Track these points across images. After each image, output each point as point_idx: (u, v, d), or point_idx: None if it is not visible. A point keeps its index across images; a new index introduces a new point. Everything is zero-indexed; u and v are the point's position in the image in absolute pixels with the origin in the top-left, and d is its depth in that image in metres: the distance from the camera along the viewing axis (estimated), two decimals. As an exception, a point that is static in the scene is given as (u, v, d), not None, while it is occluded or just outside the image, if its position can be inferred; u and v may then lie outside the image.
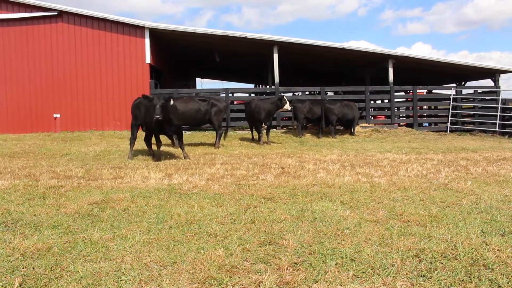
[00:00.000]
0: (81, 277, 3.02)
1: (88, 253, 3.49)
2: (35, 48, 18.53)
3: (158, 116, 8.56)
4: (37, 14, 18.41)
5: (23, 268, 3.19)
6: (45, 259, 3.36)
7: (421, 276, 3.01)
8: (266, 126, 14.08)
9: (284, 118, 19.44)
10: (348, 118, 16.86)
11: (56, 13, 18.38)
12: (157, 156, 9.73)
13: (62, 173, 7.59)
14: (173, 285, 2.89)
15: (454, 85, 23.96)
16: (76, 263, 3.27)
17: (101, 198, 5.43)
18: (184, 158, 9.64)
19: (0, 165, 8.81)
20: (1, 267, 3.20)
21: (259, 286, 2.86)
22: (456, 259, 3.27)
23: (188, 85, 28.85)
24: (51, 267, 3.19)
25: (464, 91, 21.70)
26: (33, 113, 18.44)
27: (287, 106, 13.32)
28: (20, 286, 2.90)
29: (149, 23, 18.28)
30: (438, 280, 2.93)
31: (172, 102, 8.99)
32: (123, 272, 3.10)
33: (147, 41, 18.40)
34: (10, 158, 10.31)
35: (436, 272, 3.05)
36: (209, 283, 2.93)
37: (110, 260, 3.34)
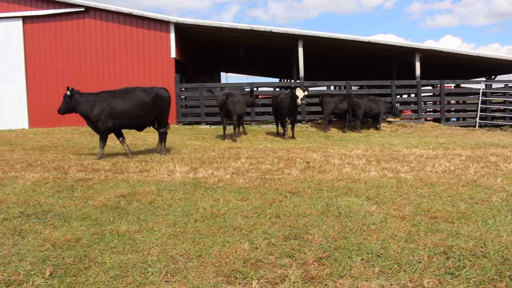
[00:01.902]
0: (109, 268, 3.08)
1: (116, 244, 3.55)
2: (63, 43, 18.86)
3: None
4: (65, 10, 18.72)
5: (53, 258, 3.27)
6: (74, 250, 3.43)
7: (448, 273, 2.96)
8: (289, 121, 13.95)
9: (307, 113, 19.31)
10: (374, 113, 16.71)
11: (83, 9, 18.65)
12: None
13: (90, 166, 7.73)
14: (198, 278, 2.91)
15: (484, 79, 23.40)
16: (104, 254, 3.33)
17: (127, 191, 5.51)
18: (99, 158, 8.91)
19: (31, 158, 9.02)
20: (33, 257, 3.28)
21: (284, 280, 2.86)
22: (486, 257, 3.20)
23: (213, 79, 28.96)
24: (80, 258, 3.26)
25: (494, 85, 21.16)
26: (62, 107, 18.78)
27: (298, 101, 12.86)
28: (51, 275, 2.97)
29: (174, 18, 18.39)
30: (467, 278, 2.88)
31: (69, 93, 8.96)
32: (149, 264, 3.14)
33: (172, 35, 18.52)
34: (40, 151, 10.55)
35: (464, 270, 2.99)
36: (234, 276, 2.95)
37: (137, 252, 3.39)
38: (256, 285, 2.81)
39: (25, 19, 18.78)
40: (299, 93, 12.86)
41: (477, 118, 18.76)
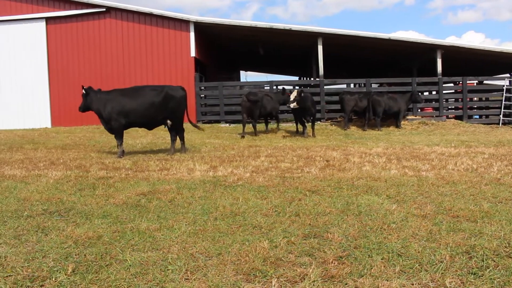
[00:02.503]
0: (130, 265, 3.11)
1: (136, 242, 3.58)
2: (85, 43, 19.13)
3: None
4: (86, 10, 18.98)
5: (75, 255, 3.32)
6: (96, 247, 3.48)
7: (471, 273, 2.91)
8: (307, 119, 13.77)
9: (326, 111, 19.18)
10: (394, 111, 16.52)
11: (104, 9, 18.88)
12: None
13: (111, 164, 7.83)
14: (218, 276, 2.92)
15: (508, 75, 22.91)
16: (125, 251, 3.36)
17: (148, 189, 5.56)
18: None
19: (53, 157, 9.18)
20: (56, 254, 3.34)
21: (304, 279, 2.85)
22: (510, 257, 3.14)
23: (232, 78, 29.01)
24: (101, 255, 3.30)
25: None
26: (83, 106, 19.06)
27: (289, 105, 12.77)
28: (73, 272, 3.02)
29: (194, 17, 18.49)
30: (490, 278, 2.82)
31: (84, 92, 9.39)
32: (169, 262, 3.16)
33: (192, 34, 18.61)
34: (62, 150, 10.72)
35: (488, 270, 2.94)
36: (254, 274, 2.95)
37: (157, 249, 3.42)
38: (275, 284, 2.81)
39: (48, 20, 19.11)
40: (292, 96, 12.63)
41: (501, 115, 18.39)
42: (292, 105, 12.72)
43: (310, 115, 13.65)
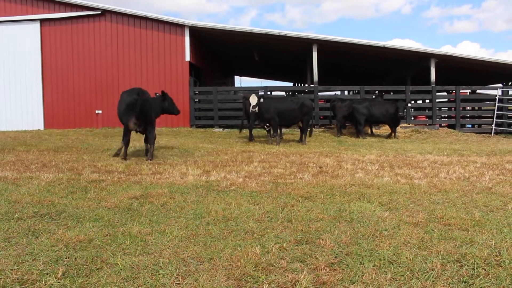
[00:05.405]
0: (121, 269, 3.09)
1: (128, 246, 3.56)
2: (79, 46, 19.09)
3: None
4: (81, 13, 18.95)
5: (66, 258, 3.30)
6: (87, 250, 3.45)
7: (462, 282, 2.92)
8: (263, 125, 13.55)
9: (321, 117, 19.22)
10: (376, 119, 16.27)
11: (99, 12, 18.87)
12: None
13: (103, 167, 7.79)
14: (209, 281, 2.91)
15: (500, 85, 23.10)
16: (116, 255, 3.34)
17: (140, 193, 5.54)
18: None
19: (45, 159, 9.12)
20: (46, 257, 3.31)
21: (295, 285, 2.85)
22: (501, 266, 3.15)
23: (227, 83, 29.04)
24: (92, 259, 3.28)
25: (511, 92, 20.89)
26: (76, 109, 19.03)
27: (250, 108, 12.50)
28: (63, 275, 3.00)
29: (189, 22, 18.51)
30: (481, 287, 2.84)
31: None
32: (161, 266, 3.15)
33: (187, 39, 18.63)
34: (55, 152, 10.65)
35: (478, 278, 2.95)
36: (245, 280, 2.94)
37: (149, 254, 3.40)
38: (266, 290, 2.80)
39: (42, 21, 19.07)
40: (252, 100, 12.42)
41: (493, 125, 18.53)
42: (254, 110, 12.60)
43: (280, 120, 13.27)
